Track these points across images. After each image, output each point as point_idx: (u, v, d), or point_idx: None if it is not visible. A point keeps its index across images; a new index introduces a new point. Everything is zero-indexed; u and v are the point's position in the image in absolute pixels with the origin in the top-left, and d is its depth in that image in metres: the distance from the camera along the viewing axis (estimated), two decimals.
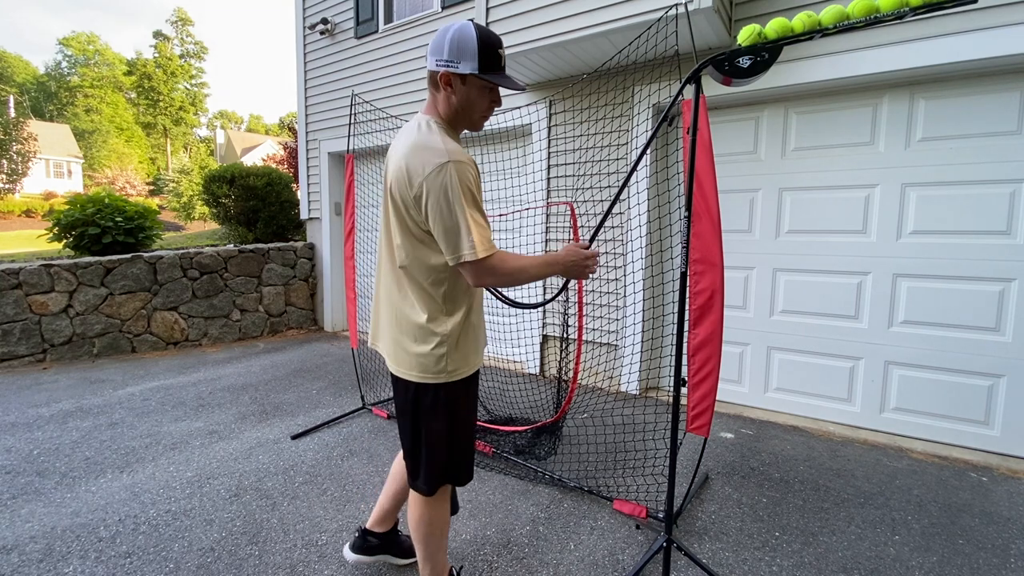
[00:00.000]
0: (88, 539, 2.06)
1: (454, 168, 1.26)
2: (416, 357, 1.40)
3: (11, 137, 21.82)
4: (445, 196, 1.26)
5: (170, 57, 40.80)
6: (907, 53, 2.83)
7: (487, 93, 1.38)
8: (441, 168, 1.25)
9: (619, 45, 3.31)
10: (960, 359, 2.96)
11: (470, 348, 1.46)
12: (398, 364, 1.45)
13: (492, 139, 4.62)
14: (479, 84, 1.34)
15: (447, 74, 1.32)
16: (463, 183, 1.27)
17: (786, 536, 2.13)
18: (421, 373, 1.40)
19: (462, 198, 1.26)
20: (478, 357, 1.51)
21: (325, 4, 6.01)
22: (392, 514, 1.84)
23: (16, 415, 3.37)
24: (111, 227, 5.31)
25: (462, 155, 1.30)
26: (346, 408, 3.57)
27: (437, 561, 1.59)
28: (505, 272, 1.34)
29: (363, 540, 1.85)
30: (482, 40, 1.30)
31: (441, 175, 1.25)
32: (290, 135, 15.75)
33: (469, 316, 1.45)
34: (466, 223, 1.27)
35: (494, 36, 1.35)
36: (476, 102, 1.37)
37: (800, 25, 1.44)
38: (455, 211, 1.26)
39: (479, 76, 1.31)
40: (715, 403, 1.98)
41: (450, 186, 1.25)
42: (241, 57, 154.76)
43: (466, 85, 1.34)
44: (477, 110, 1.39)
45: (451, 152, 1.27)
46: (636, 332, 3.72)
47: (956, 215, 2.94)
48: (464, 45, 1.29)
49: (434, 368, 1.40)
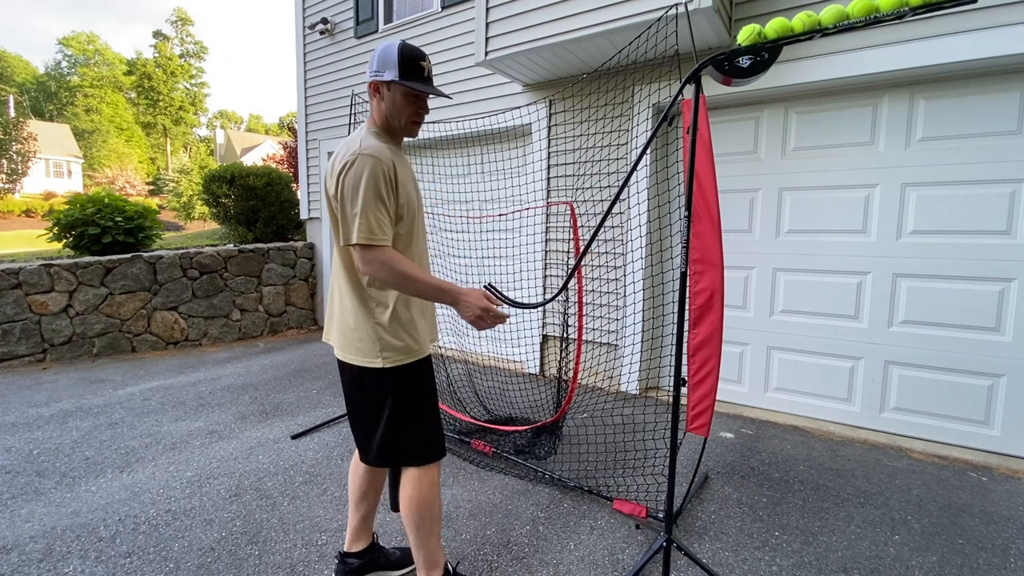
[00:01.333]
0: (88, 539, 2.06)
1: (362, 162, 1.39)
2: (360, 344, 1.52)
3: (11, 137, 21.80)
4: (350, 186, 1.40)
5: (170, 57, 40.80)
6: (907, 53, 2.83)
7: (411, 99, 1.52)
8: (352, 162, 1.41)
9: (619, 45, 3.31)
10: (960, 359, 2.96)
11: (412, 332, 1.55)
12: (345, 351, 1.56)
13: (492, 139, 4.62)
14: (402, 90, 1.50)
15: (375, 82, 1.51)
16: (370, 176, 1.39)
17: (786, 536, 2.13)
18: (370, 358, 1.52)
19: (362, 189, 1.39)
20: (423, 343, 1.60)
21: (325, 4, 6.01)
22: (364, 527, 1.77)
23: (16, 415, 3.37)
24: (111, 227, 5.30)
25: (376, 151, 1.42)
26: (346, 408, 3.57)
27: (431, 549, 1.59)
28: (392, 269, 1.41)
29: (344, 565, 1.76)
30: (402, 52, 1.47)
31: (351, 168, 1.40)
32: (290, 135, 15.74)
33: (402, 306, 1.54)
34: (361, 211, 1.39)
35: (416, 50, 1.51)
36: (402, 107, 1.51)
37: (800, 25, 1.44)
38: (355, 199, 1.39)
39: (400, 82, 1.47)
40: (715, 403, 1.98)
41: (355, 177, 1.39)
42: (241, 57, 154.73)
43: (391, 91, 1.50)
44: (404, 114, 1.52)
45: (364, 148, 1.42)
46: (636, 332, 3.72)
47: (956, 215, 2.94)
48: (387, 57, 1.47)
49: (379, 352, 1.51)
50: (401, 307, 1.54)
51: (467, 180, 4.53)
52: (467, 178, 4.56)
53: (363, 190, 1.38)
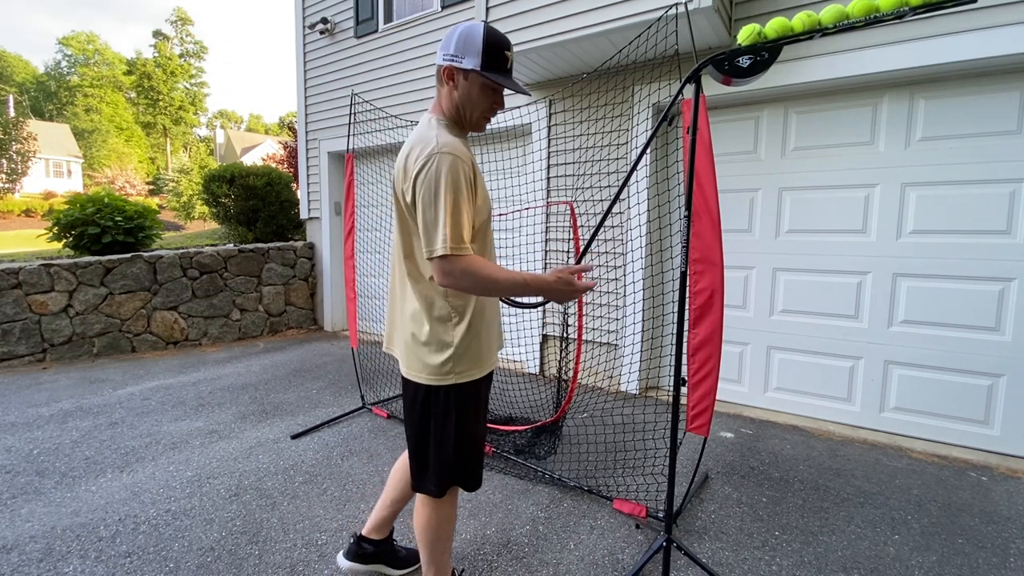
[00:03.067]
0: (88, 539, 2.06)
1: (442, 160, 1.24)
2: (423, 360, 1.40)
3: (11, 137, 21.78)
4: (429, 188, 1.24)
5: (170, 57, 40.80)
6: (907, 53, 2.83)
7: (489, 92, 1.38)
8: (429, 158, 1.25)
9: (619, 45, 3.31)
10: (960, 359, 2.96)
11: (480, 351, 1.43)
12: (408, 367, 1.44)
13: (492, 139, 4.62)
14: (480, 82, 1.35)
15: (450, 68, 1.34)
16: (452, 177, 1.24)
17: (786, 535, 2.13)
18: (428, 376, 1.39)
19: (444, 192, 1.23)
20: (489, 360, 1.49)
21: (325, 3, 6.00)
22: (388, 522, 1.79)
23: (16, 415, 3.37)
24: (111, 227, 5.30)
25: (455, 148, 1.27)
26: (346, 408, 3.57)
27: (441, 564, 1.58)
28: (477, 277, 1.27)
29: (358, 547, 1.78)
30: (488, 38, 1.31)
31: (428, 166, 1.24)
32: (290, 135, 15.73)
33: (478, 318, 1.42)
34: (444, 218, 1.23)
35: (503, 38, 1.35)
36: (477, 100, 1.37)
37: (800, 25, 1.44)
38: (436, 204, 1.24)
39: (480, 73, 1.32)
40: (715, 403, 1.98)
41: (435, 179, 1.24)
42: (241, 57, 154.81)
43: (468, 81, 1.34)
44: (478, 108, 1.38)
45: (442, 145, 1.26)
46: (636, 332, 3.72)
47: (956, 215, 2.94)
48: (470, 42, 1.31)
49: (441, 371, 1.38)
50: (479, 317, 1.42)
51: None
52: None
53: (445, 193, 1.22)
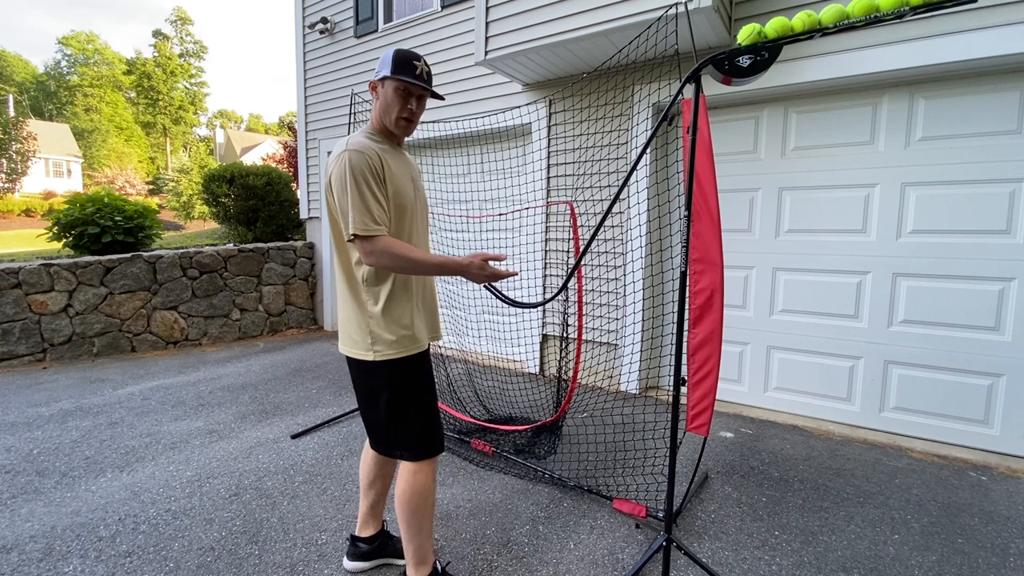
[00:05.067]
0: (88, 538, 2.06)
1: (348, 156, 1.45)
2: (352, 337, 1.58)
3: (10, 136, 21.75)
4: (340, 180, 1.46)
5: (169, 56, 40.75)
6: (907, 52, 2.83)
7: (402, 94, 1.55)
8: (339, 157, 1.47)
9: (619, 44, 3.31)
10: (960, 358, 2.96)
11: (398, 332, 1.55)
12: (344, 344, 1.62)
13: (492, 138, 4.62)
14: (393, 84, 1.54)
15: (373, 83, 1.60)
16: (355, 169, 1.44)
17: (786, 535, 2.13)
18: (359, 351, 1.56)
19: (350, 182, 1.44)
20: (413, 341, 1.59)
21: (325, 3, 6.00)
22: (373, 513, 1.86)
23: (16, 414, 3.37)
24: (111, 226, 5.30)
25: (360, 146, 1.48)
26: (346, 407, 3.57)
27: (421, 544, 1.63)
28: (393, 254, 1.44)
29: (355, 547, 1.88)
30: (397, 53, 1.54)
31: (339, 163, 1.47)
32: (290, 134, 15.74)
33: (394, 302, 1.56)
34: (351, 204, 1.43)
35: (411, 53, 1.56)
36: (392, 102, 1.55)
37: (800, 24, 1.44)
38: (344, 194, 1.44)
39: (390, 76, 1.52)
40: (715, 402, 1.98)
41: (341, 172, 1.45)
42: (241, 57, 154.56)
43: (384, 87, 1.56)
44: (393, 110, 1.55)
45: (351, 143, 1.48)
46: (636, 331, 3.72)
47: (956, 214, 2.94)
48: (384, 59, 1.55)
49: (367, 347, 1.55)
50: (395, 301, 1.56)
51: (467, 180, 4.53)
52: (467, 178, 4.56)
53: (351, 183, 1.43)
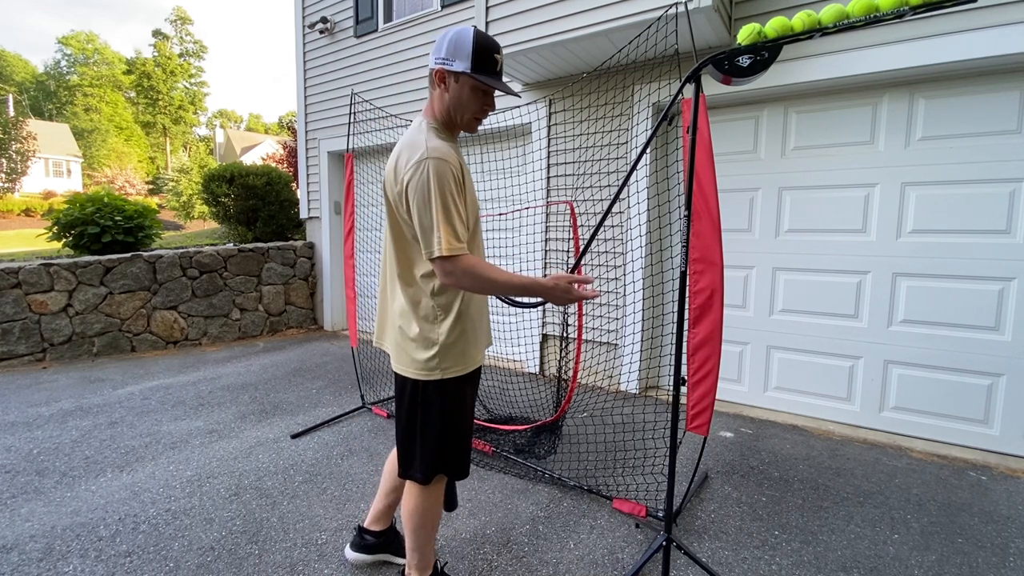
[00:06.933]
0: (88, 538, 2.06)
1: (431, 165, 1.29)
2: (411, 355, 1.46)
3: (10, 136, 21.73)
4: (422, 193, 1.29)
5: (169, 56, 40.75)
6: (907, 52, 2.83)
7: (479, 94, 1.41)
8: (419, 165, 1.30)
9: (619, 44, 3.31)
10: (959, 358, 2.96)
11: (465, 348, 1.48)
12: (397, 361, 1.52)
13: (492, 138, 4.62)
14: (471, 84, 1.38)
15: (441, 71, 1.38)
16: (441, 180, 1.29)
17: (785, 535, 2.13)
18: (416, 370, 1.46)
19: (436, 196, 1.29)
20: (475, 356, 1.53)
21: (325, 3, 6.00)
22: (387, 513, 1.86)
23: (16, 414, 3.37)
24: (110, 226, 5.30)
25: (443, 152, 1.32)
26: (346, 407, 3.57)
27: (425, 553, 1.63)
28: (476, 276, 1.33)
29: (361, 538, 1.88)
30: (478, 42, 1.35)
31: (419, 172, 1.30)
32: (290, 134, 15.72)
33: (463, 317, 1.47)
34: (439, 221, 1.29)
35: (491, 40, 1.39)
36: (468, 102, 1.40)
37: (800, 24, 1.44)
38: (430, 208, 1.29)
39: (470, 75, 1.36)
40: (715, 402, 1.98)
41: (426, 183, 1.29)
42: (241, 57, 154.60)
43: (458, 83, 1.38)
44: (468, 110, 1.42)
45: (431, 149, 1.31)
46: (636, 331, 3.72)
47: (956, 214, 2.94)
48: (461, 45, 1.35)
49: (427, 366, 1.44)
50: (463, 318, 1.46)
51: None
52: None
53: (437, 198, 1.28)
